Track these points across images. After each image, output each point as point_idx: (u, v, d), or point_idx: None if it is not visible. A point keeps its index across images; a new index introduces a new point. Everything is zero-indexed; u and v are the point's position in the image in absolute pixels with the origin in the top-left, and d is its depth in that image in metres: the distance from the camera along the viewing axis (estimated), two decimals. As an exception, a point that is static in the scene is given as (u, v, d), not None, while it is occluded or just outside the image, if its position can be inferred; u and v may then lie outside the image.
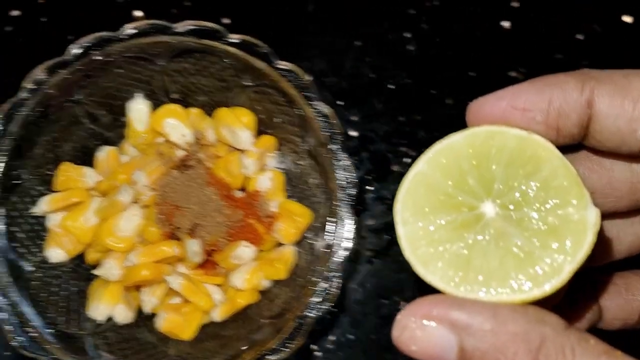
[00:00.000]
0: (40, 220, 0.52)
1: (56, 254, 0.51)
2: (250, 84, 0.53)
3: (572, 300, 0.37)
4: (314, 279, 0.48)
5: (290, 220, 0.51)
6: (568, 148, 0.33)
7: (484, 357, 0.25)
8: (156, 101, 0.56)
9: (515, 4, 0.69)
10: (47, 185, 0.53)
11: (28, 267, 0.50)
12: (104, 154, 0.55)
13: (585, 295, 0.39)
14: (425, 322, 0.26)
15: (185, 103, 0.57)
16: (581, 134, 0.31)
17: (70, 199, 0.51)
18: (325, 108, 0.50)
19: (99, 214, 0.51)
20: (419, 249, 0.29)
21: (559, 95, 0.30)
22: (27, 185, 0.52)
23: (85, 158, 0.56)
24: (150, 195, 0.51)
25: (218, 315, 0.51)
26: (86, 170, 0.53)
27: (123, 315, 0.51)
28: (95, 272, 0.50)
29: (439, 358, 0.26)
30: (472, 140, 0.30)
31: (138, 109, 0.55)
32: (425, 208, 0.29)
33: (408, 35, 0.68)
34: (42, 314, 0.49)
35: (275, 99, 0.52)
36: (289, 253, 0.52)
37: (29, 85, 0.50)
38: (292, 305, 0.49)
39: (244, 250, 0.51)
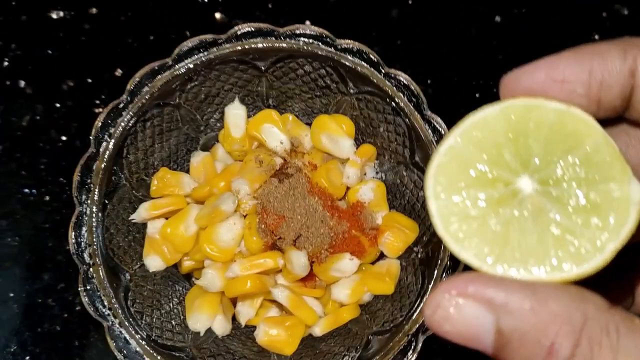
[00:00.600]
0: (137, 226, 0.51)
1: (155, 262, 0.50)
2: (354, 90, 0.51)
3: (603, 282, 0.35)
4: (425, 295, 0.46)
5: (398, 232, 0.49)
6: (606, 121, 0.30)
7: (523, 338, 0.23)
8: (250, 106, 0.55)
9: None
10: (142, 191, 0.52)
11: (127, 274, 0.49)
12: (199, 159, 0.53)
13: (617, 277, 0.36)
14: (460, 300, 0.24)
15: (281, 109, 0.56)
16: (623, 106, 0.28)
17: (170, 206, 0.50)
18: (437, 118, 0.48)
19: (199, 222, 0.49)
20: (452, 225, 0.27)
21: (600, 66, 0.27)
22: (124, 191, 0.50)
23: (175, 164, 0.55)
24: (252, 204, 0.50)
25: (320, 329, 0.50)
26: (184, 176, 0.52)
27: (222, 326, 0.50)
28: (198, 282, 0.49)
29: (475, 340, 0.24)
30: (509, 113, 0.28)
31: (235, 113, 0.53)
32: (458, 183, 0.28)
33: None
34: (142, 323, 0.47)
35: (381, 107, 0.51)
36: (394, 267, 0.50)
37: (131, 88, 0.49)
38: (398, 321, 0.48)
39: (347, 263, 0.49)
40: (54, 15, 0.66)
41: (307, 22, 0.66)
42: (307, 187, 0.51)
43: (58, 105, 0.64)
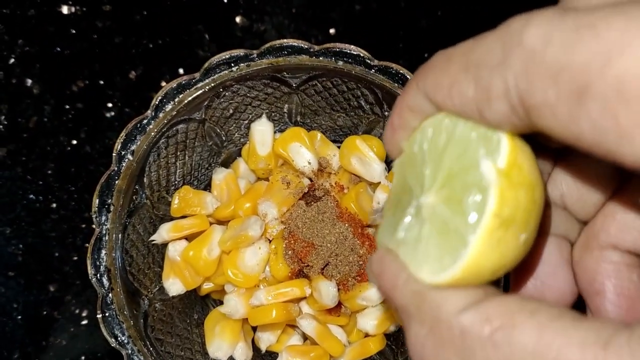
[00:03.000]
0: (157, 246, 0.49)
1: (175, 286, 0.48)
2: (389, 113, 0.49)
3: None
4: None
5: (430, 264, 0.48)
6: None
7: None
8: (276, 122, 0.53)
9: None
10: (162, 210, 0.49)
11: (146, 299, 0.47)
12: (222, 176, 0.51)
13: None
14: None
15: (307, 125, 0.53)
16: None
17: (193, 228, 0.48)
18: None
19: (223, 246, 0.47)
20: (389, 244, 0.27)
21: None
22: (144, 210, 0.48)
23: (196, 179, 0.52)
24: (279, 229, 0.48)
25: (345, 360, 0.48)
26: (206, 195, 0.49)
27: (244, 354, 0.48)
28: (221, 310, 0.47)
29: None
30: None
31: (262, 130, 0.51)
32: (390, 212, 0.29)
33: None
34: (162, 351, 0.45)
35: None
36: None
37: (157, 103, 0.46)
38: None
39: (375, 293, 0.48)
40: (65, 10, 0.63)
41: (332, 31, 0.64)
42: (336, 212, 0.49)
43: (67, 107, 0.61)
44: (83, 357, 0.57)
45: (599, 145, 0.19)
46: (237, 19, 0.64)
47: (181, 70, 0.62)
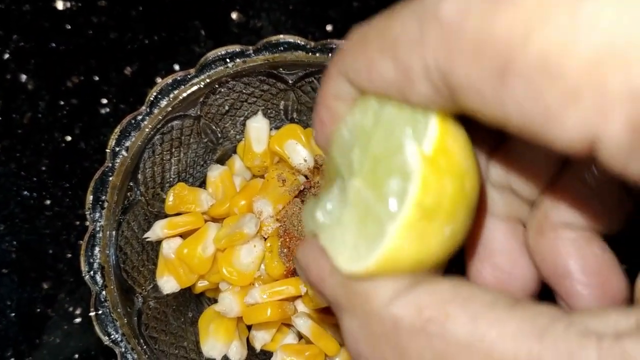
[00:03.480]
0: (151, 243, 0.48)
1: (169, 284, 0.47)
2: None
3: None
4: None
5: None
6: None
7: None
8: (272, 119, 0.52)
9: None
10: (156, 207, 0.49)
11: (140, 297, 0.46)
12: (217, 173, 0.50)
13: None
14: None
15: (303, 122, 0.53)
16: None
17: (187, 225, 0.47)
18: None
19: (218, 243, 0.47)
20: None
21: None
22: (139, 207, 0.47)
23: (190, 176, 0.52)
24: (274, 227, 0.47)
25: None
26: (201, 192, 0.49)
27: (238, 353, 0.48)
28: (215, 308, 0.46)
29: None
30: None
31: (258, 127, 0.50)
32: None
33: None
34: (156, 349, 0.45)
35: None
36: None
37: (152, 99, 0.45)
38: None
39: (372, 292, 0.47)
40: (60, 6, 0.62)
41: (329, 27, 0.63)
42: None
43: (62, 102, 0.61)
44: (77, 355, 0.57)
45: (527, 128, 0.17)
46: (234, 15, 0.63)
47: (177, 67, 0.62)
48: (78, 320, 0.57)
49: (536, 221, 0.27)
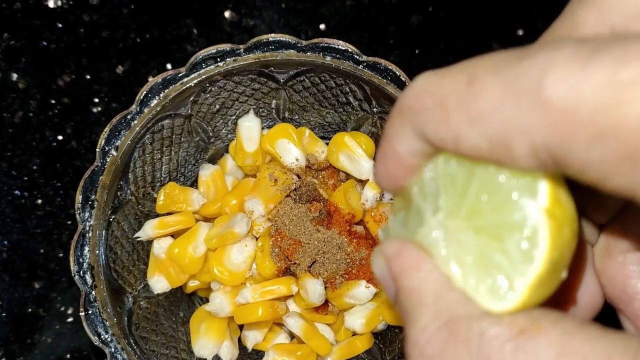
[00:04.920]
0: (142, 243, 0.48)
1: (160, 283, 0.47)
2: (377, 109, 0.49)
3: None
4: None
5: (418, 263, 0.47)
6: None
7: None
8: (264, 118, 0.52)
9: None
10: (147, 206, 0.49)
11: (130, 297, 0.46)
12: (208, 172, 0.50)
13: None
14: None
15: (295, 122, 0.53)
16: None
17: (178, 225, 0.47)
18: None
19: (209, 243, 0.46)
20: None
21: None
22: (129, 207, 0.47)
23: (182, 175, 0.52)
24: (266, 226, 0.47)
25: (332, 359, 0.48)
26: (192, 192, 0.49)
27: (229, 353, 0.47)
28: (206, 308, 0.46)
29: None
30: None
31: (249, 126, 0.50)
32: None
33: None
34: (146, 349, 0.45)
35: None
36: (412, 297, 0.48)
37: (141, 98, 0.45)
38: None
39: (363, 291, 0.47)
40: (51, 4, 0.62)
41: (322, 26, 0.63)
42: (324, 209, 0.48)
43: (53, 101, 0.60)
44: (68, 355, 0.56)
45: None
46: (226, 14, 0.63)
47: (169, 65, 0.62)
48: (70, 319, 0.57)
49: (605, 243, 0.27)
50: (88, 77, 0.61)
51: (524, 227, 0.21)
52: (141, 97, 0.45)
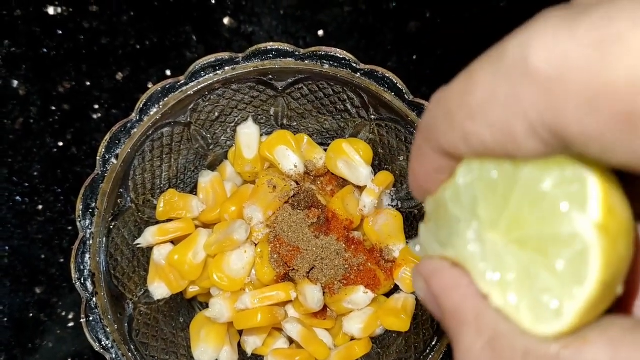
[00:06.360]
0: (142, 249, 0.49)
1: (160, 290, 0.48)
2: (375, 116, 0.49)
3: None
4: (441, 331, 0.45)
5: (415, 268, 0.48)
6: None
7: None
8: (263, 125, 0.52)
9: None
10: (147, 213, 0.49)
11: (130, 303, 0.47)
12: (207, 179, 0.51)
13: None
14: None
15: (293, 128, 0.53)
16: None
17: (178, 232, 0.47)
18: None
19: (208, 250, 0.47)
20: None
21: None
22: (129, 214, 0.48)
23: (182, 182, 0.52)
24: (265, 232, 0.48)
25: (331, 364, 0.48)
26: (192, 198, 0.49)
27: (229, 358, 0.48)
28: (206, 313, 0.47)
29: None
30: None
31: (248, 133, 0.51)
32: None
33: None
34: (147, 355, 0.45)
35: (402, 135, 0.49)
36: (410, 302, 0.49)
37: (141, 106, 0.46)
38: (412, 359, 0.46)
39: (361, 297, 0.48)
40: (51, 11, 0.62)
41: (321, 32, 0.63)
42: (322, 216, 0.49)
43: (53, 108, 0.61)
44: (69, 359, 0.57)
45: None
46: (225, 21, 0.63)
47: (168, 72, 0.62)
48: (71, 324, 0.58)
49: None
50: (88, 83, 0.61)
51: (573, 243, 0.19)
52: (141, 106, 0.45)
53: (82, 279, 0.44)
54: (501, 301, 0.21)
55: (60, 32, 0.62)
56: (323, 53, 0.47)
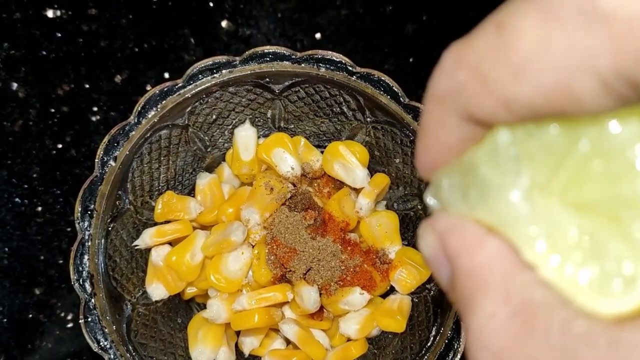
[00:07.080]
0: (140, 250, 0.49)
1: (158, 291, 0.48)
2: (371, 119, 0.50)
3: None
4: (437, 332, 0.45)
5: (411, 270, 0.48)
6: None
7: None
8: (260, 127, 0.53)
9: None
10: (145, 215, 0.50)
11: (129, 304, 0.47)
12: (205, 181, 0.51)
13: None
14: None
15: (290, 130, 0.54)
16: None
17: (176, 233, 0.48)
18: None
19: (206, 251, 0.47)
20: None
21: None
22: (128, 215, 0.48)
23: (179, 184, 0.53)
24: (262, 234, 0.48)
25: (327, 364, 0.48)
26: (190, 200, 0.50)
27: (226, 359, 0.48)
28: (203, 314, 0.47)
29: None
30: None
31: (245, 135, 0.51)
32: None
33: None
34: (145, 355, 0.46)
35: (398, 138, 0.49)
36: (406, 303, 0.49)
37: (139, 109, 0.46)
38: (406, 358, 0.47)
39: (358, 298, 0.48)
40: (50, 14, 0.63)
41: (318, 35, 0.64)
42: (319, 218, 0.49)
43: (53, 110, 0.61)
44: (68, 360, 0.57)
45: None
46: (223, 24, 0.64)
47: (167, 75, 0.63)
48: (70, 325, 0.58)
49: None
50: (87, 86, 0.62)
51: None
52: (139, 108, 0.46)
53: (81, 280, 0.44)
54: (553, 272, 0.18)
55: (59, 34, 0.62)
56: (319, 56, 0.47)
